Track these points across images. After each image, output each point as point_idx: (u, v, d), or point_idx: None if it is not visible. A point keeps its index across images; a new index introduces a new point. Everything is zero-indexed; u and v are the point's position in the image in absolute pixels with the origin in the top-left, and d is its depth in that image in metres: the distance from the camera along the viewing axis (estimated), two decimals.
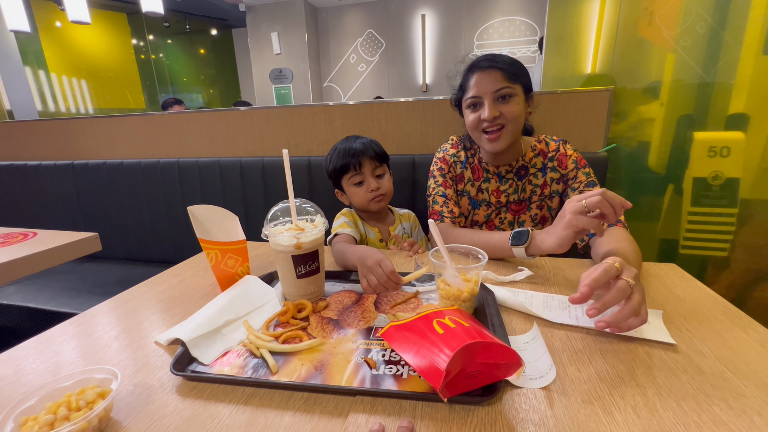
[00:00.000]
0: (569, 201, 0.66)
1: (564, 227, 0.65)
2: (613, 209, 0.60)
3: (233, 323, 0.57)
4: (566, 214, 0.65)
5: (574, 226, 0.64)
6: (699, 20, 1.18)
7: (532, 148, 0.98)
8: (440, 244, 0.57)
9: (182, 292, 0.72)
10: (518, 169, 0.98)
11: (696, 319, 0.56)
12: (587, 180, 0.92)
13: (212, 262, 0.67)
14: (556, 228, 0.68)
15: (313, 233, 0.61)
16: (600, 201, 0.60)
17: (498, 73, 0.86)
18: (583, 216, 0.63)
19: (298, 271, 0.61)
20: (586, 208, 0.62)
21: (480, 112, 0.88)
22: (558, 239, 0.67)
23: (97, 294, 1.47)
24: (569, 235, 0.65)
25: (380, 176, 1.04)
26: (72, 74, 4.61)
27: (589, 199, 0.62)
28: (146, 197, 1.68)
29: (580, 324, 0.54)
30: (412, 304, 0.62)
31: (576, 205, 0.64)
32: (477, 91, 0.87)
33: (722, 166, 1.05)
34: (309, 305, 0.60)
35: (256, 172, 1.51)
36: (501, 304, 0.60)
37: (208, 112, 1.62)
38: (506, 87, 0.85)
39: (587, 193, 0.63)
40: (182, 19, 5.34)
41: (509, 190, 0.99)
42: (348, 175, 1.02)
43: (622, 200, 0.61)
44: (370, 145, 1.02)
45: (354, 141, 1.03)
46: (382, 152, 1.05)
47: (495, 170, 1.00)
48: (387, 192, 1.04)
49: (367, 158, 1.00)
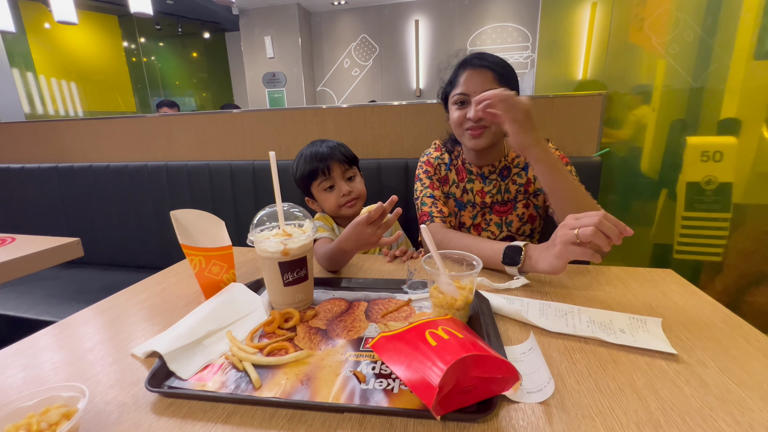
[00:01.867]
0: (561, 226, 0.62)
1: (556, 257, 0.62)
2: (608, 239, 0.56)
3: (216, 334, 0.54)
4: (557, 243, 0.61)
5: (565, 258, 0.61)
6: (688, 27, 1.18)
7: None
8: (433, 250, 0.55)
9: (164, 300, 0.69)
10: (501, 170, 0.98)
11: (696, 327, 0.54)
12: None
13: (196, 269, 0.64)
14: (548, 253, 0.64)
15: (301, 239, 0.58)
16: (594, 233, 0.56)
17: (489, 74, 0.85)
18: (575, 247, 0.59)
19: (285, 278, 0.58)
20: (578, 239, 0.58)
21: (466, 110, 0.88)
22: (550, 266, 0.64)
23: (79, 301, 1.42)
24: (561, 265, 0.62)
25: (351, 179, 1.02)
26: (61, 76, 4.53)
27: (582, 230, 0.57)
28: (133, 201, 1.63)
29: (578, 333, 0.52)
30: (405, 313, 0.59)
31: (567, 235, 0.59)
32: (465, 89, 0.87)
33: (715, 170, 1.05)
34: (296, 314, 0.57)
35: (246, 176, 1.48)
36: (496, 312, 0.58)
37: (197, 114, 1.59)
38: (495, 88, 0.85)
39: (583, 217, 0.59)
40: (174, 22, 5.29)
41: (493, 190, 0.99)
42: (317, 180, 0.99)
43: (620, 229, 0.56)
44: (337, 148, 1.00)
45: (320, 145, 1.01)
46: (351, 155, 1.03)
47: (478, 171, 0.99)
48: (360, 195, 1.02)
49: (336, 162, 0.98)
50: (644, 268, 0.75)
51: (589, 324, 0.54)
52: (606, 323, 0.55)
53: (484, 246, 0.76)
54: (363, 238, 0.70)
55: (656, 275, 0.72)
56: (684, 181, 1.09)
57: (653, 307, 0.60)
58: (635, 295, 0.64)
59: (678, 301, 0.62)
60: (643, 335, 0.51)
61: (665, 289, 0.66)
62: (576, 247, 0.58)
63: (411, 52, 5.03)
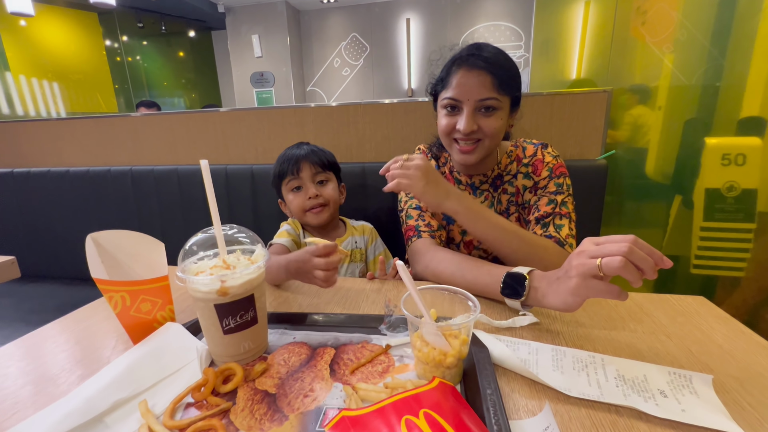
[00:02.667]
0: (578, 253, 0.47)
1: (572, 293, 0.47)
2: (641, 272, 0.42)
3: (127, 404, 0.40)
4: (572, 275, 0.47)
5: (583, 295, 0.46)
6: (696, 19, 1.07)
7: (507, 154, 0.85)
8: (413, 289, 0.42)
9: (88, 344, 0.56)
10: (494, 179, 0.86)
11: (754, 384, 0.42)
12: (555, 189, 0.78)
13: (117, 309, 0.51)
14: (561, 286, 0.49)
15: (247, 272, 0.45)
16: (622, 265, 0.41)
17: (487, 78, 0.71)
18: (597, 282, 0.45)
19: (224, 324, 0.45)
20: (601, 272, 0.44)
21: (456, 118, 0.75)
22: (563, 303, 0.49)
23: (30, 323, 1.24)
24: (576, 303, 0.48)
25: (323, 183, 0.94)
26: (38, 76, 4.33)
27: (606, 260, 0.43)
28: (97, 209, 1.49)
29: (607, 400, 0.39)
30: (381, 366, 0.46)
31: (587, 266, 0.45)
32: (458, 94, 0.73)
33: (737, 175, 0.94)
34: (239, 372, 0.44)
35: (219, 181, 1.34)
36: (498, 364, 0.46)
37: (166, 114, 1.45)
38: (492, 98, 0.72)
39: (606, 242, 0.45)
40: (157, 20, 5.11)
41: (485, 203, 0.87)
42: (286, 179, 0.93)
43: (655, 259, 0.42)
44: (315, 152, 0.94)
45: (299, 147, 0.96)
46: (330, 161, 0.96)
47: (468, 180, 0.87)
48: (329, 201, 0.93)
49: (307, 162, 0.91)
50: (672, 296, 0.63)
51: (618, 383, 0.42)
52: (640, 381, 0.42)
53: (481, 271, 0.63)
54: (304, 268, 0.63)
55: (687, 305, 0.60)
56: (702, 187, 0.98)
57: (694, 354, 0.48)
58: (668, 335, 0.52)
59: (723, 343, 0.50)
60: (691, 401, 0.39)
61: (703, 325, 0.54)
62: (598, 282, 0.45)
63: (402, 52, 4.91)
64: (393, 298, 0.63)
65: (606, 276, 0.44)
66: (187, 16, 5.08)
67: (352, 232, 1.01)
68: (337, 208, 0.98)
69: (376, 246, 1.03)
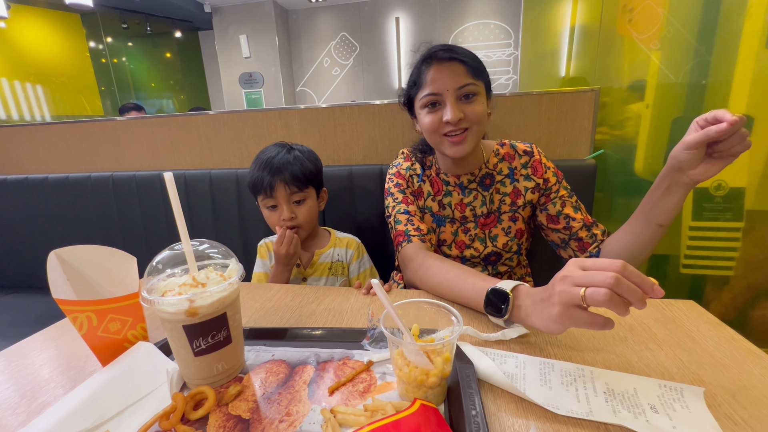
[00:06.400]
0: (562, 278, 0.43)
1: (554, 321, 0.44)
2: (627, 303, 0.38)
3: None
4: (555, 302, 0.43)
5: (566, 324, 0.43)
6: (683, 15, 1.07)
7: (495, 153, 0.86)
8: (390, 308, 0.40)
9: (70, 358, 0.53)
10: (482, 178, 0.85)
11: (746, 396, 0.41)
12: (567, 194, 0.85)
13: (82, 330, 0.48)
14: (544, 310, 0.46)
15: (218, 291, 0.43)
16: (607, 298, 0.37)
17: (460, 67, 0.72)
18: (581, 312, 0.41)
19: (195, 346, 0.42)
20: (584, 303, 0.40)
21: (440, 112, 0.74)
22: (545, 328, 0.46)
23: (8, 337, 1.22)
24: (560, 330, 0.44)
25: (299, 203, 0.89)
26: (20, 78, 4.23)
27: (591, 291, 0.39)
28: (77, 217, 1.45)
29: (596, 418, 0.38)
30: (362, 385, 0.44)
31: (569, 295, 0.41)
32: (436, 88, 0.73)
33: (725, 174, 0.93)
34: (212, 396, 0.42)
35: (203, 187, 1.31)
36: (483, 380, 0.44)
37: (147, 118, 1.41)
38: (470, 84, 0.72)
39: (592, 268, 0.41)
40: (142, 21, 5.00)
41: (475, 202, 0.86)
42: (261, 196, 0.90)
43: (645, 289, 0.38)
44: (291, 165, 0.88)
45: (278, 154, 0.89)
46: (309, 172, 0.90)
47: (456, 181, 0.86)
48: (304, 223, 0.90)
49: (282, 183, 0.86)
50: (662, 300, 0.61)
51: (608, 398, 0.40)
52: (630, 395, 0.41)
53: (467, 282, 0.60)
54: (282, 255, 0.84)
55: (677, 309, 0.59)
56: None
57: (685, 363, 0.46)
58: (658, 344, 0.51)
59: (714, 351, 0.48)
60: (682, 416, 0.38)
61: (693, 332, 0.53)
62: (581, 312, 0.41)
63: (392, 51, 4.88)
64: (376, 311, 0.61)
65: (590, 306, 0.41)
66: (173, 16, 5.00)
67: (335, 244, 0.98)
68: (315, 223, 0.96)
69: (362, 262, 0.99)
